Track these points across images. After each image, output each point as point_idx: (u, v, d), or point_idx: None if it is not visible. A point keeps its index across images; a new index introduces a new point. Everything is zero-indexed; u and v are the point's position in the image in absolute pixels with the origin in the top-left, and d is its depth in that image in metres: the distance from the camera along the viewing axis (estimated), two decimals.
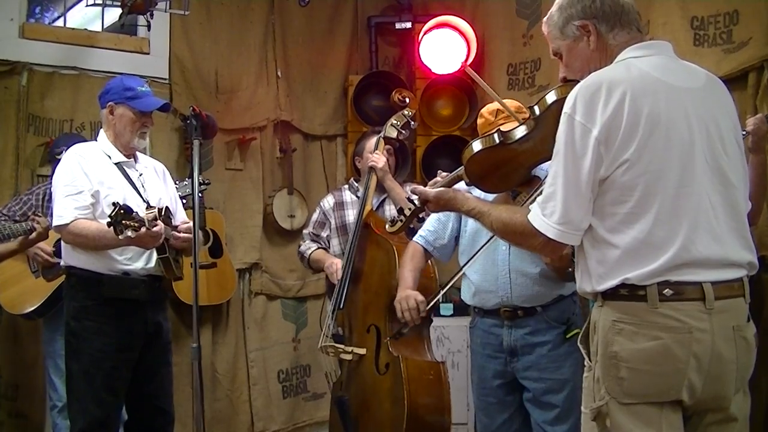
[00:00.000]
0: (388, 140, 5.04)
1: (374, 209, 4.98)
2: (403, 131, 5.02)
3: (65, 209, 3.98)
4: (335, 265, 4.85)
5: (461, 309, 6.40)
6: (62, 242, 4.16)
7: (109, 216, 3.63)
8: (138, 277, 4.09)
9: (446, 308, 6.28)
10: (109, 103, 4.22)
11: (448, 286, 3.93)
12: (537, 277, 3.79)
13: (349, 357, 4.49)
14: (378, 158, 4.94)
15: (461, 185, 3.20)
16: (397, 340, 4.03)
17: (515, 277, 3.82)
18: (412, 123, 5.07)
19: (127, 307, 4.05)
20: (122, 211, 3.63)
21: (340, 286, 4.61)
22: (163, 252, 4.04)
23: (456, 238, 4.14)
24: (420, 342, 4.48)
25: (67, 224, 3.97)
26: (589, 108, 2.39)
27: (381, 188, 5.02)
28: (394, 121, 5.01)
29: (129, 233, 3.63)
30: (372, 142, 5.14)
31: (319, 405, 6.59)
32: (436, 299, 3.95)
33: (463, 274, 4.02)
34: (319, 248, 5.22)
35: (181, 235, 4.11)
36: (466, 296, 4.08)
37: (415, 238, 4.21)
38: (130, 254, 4.06)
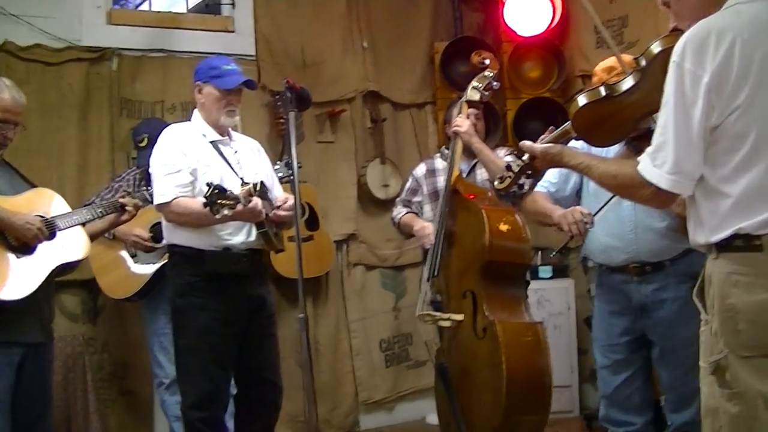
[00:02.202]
0: (471, 103, 4.94)
1: (466, 174, 4.94)
2: (486, 93, 4.91)
3: (166, 188, 4.04)
4: (426, 228, 4.82)
5: (560, 271, 6.37)
6: (163, 221, 4.22)
7: (204, 196, 3.67)
8: (239, 252, 4.13)
9: (545, 271, 6.25)
10: (197, 83, 4.26)
11: (602, 211, 3.80)
12: (664, 231, 3.72)
13: (447, 324, 4.46)
14: (461, 122, 4.84)
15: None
16: (563, 254, 3.94)
17: (642, 232, 3.77)
18: (495, 84, 4.95)
19: (230, 282, 4.09)
20: (216, 191, 3.66)
21: (434, 253, 4.59)
22: (262, 226, 4.08)
23: (577, 192, 4.09)
24: (517, 303, 4.43)
25: (169, 202, 4.03)
26: (698, 55, 2.33)
27: (471, 153, 4.94)
28: (476, 84, 4.90)
29: (225, 211, 3.67)
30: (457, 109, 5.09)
31: (421, 372, 6.60)
32: (601, 209, 3.81)
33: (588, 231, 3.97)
34: (408, 212, 5.20)
35: (282, 213, 4.15)
36: (592, 254, 4.04)
37: (537, 188, 4.14)
38: (231, 229, 4.10)
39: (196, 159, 4.11)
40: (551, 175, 4.10)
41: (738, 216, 2.34)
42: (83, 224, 4.06)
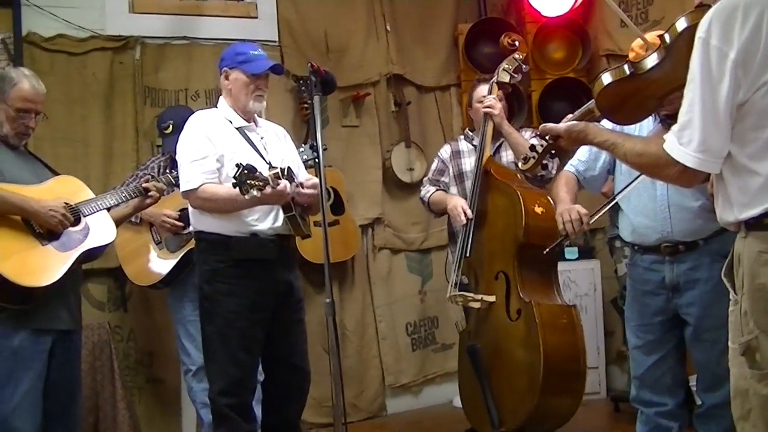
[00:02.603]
0: (501, 85, 4.99)
1: (491, 156, 4.93)
2: (516, 75, 4.97)
3: (192, 174, 4.03)
4: (458, 207, 4.78)
5: (586, 252, 6.34)
6: (190, 208, 4.22)
7: (234, 177, 3.66)
8: (266, 237, 4.11)
9: (571, 252, 6.21)
10: (224, 69, 4.25)
11: (602, 212, 3.86)
12: (697, 211, 3.68)
13: (478, 305, 4.48)
14: (493, 104, 4.88)
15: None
16: (553, 254, 3.94)
17: (675, 211, 3.72)
18: (524, 66, 5.01)
19: (258, 268, 4.07)
20: (246, 171, 3.65)
21: (465, 234, 4.59)
22: (290, 210, 4.06)
23: (608, 171, 4.05)
24: (550, 286, 4.44)
25: (195, 189, 4.02)
26: (725, 31, 2.29)
27: (495, 135, 4.96)
28: (506, 66, 4.96)
29: (254, 192, 3.66)
30: (481, 90, 5.11)
31: (447, 356, 6.60)
32: (600, 213, 3.85)
33: (621, 210, 3.95)
34: (438, 190, 5.21)
35: (307, 191, 4.12)
36: (625, 233, 4.00)
37: (566, 168, 4.12)
38: (257, 215, 4.08)
39: (223, 145, 4.10)
40: (581, 153, 4.08)
41: None
42: (108, 209, 4.07)
